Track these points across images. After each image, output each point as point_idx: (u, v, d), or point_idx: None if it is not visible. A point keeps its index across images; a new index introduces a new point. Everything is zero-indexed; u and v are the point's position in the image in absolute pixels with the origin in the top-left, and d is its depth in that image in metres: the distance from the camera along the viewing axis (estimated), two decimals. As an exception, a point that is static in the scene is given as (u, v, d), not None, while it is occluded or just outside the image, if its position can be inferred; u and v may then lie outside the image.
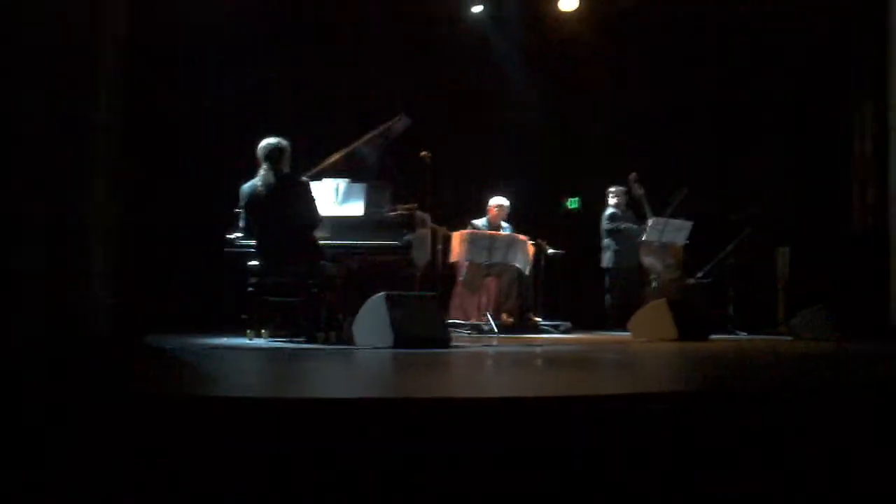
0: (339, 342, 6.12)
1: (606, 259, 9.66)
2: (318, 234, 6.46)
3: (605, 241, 9.68)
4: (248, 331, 6.25)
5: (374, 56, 9.68)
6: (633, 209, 9.75)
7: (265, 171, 6.26)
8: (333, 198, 6.98)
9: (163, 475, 2.47)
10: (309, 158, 7.13)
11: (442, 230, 8.47)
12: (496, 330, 8.13)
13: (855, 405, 3.07)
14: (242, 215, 6.39)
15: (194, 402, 2.78)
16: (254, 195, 6.27)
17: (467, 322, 8.46)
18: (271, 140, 6.32)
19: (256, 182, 6.28)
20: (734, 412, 2.89)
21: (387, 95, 9.33)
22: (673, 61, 10.20)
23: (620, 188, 9.65)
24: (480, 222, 9.01)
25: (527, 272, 8.70)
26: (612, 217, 9.63)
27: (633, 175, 9.48)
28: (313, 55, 9.33)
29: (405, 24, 9.96)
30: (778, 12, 9.62)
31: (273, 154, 6.27)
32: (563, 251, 9.40)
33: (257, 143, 6.37)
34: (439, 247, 8.48)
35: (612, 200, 9.70)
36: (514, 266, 8.58)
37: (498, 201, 9.10)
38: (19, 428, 2.57)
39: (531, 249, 8.71)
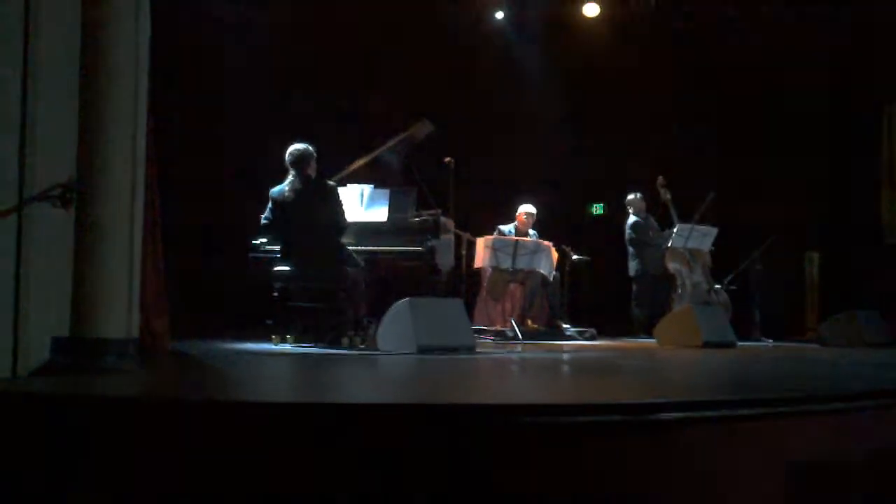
0: (363, 347, 6.12)
1: (633, 268, 9.56)
2: (343, 239, 6.47)
3: (631, 251, 9.59)
4: (273, 336, 6.26)
5: (398, 62, 9.68)
6: (658, 214, 9.66)
7: (293, 177, 6.30)
8: (358, 203, 6.99)
9: (188, 479, 2.47)
10: (333, 164, 7.15)
11: (466, 236, 8.46)
12: (520, 336, 8.10)
13: None
14: (266, 214, 6.40)
15: (219, 407, 2.78)
16: (281, 200, 6.30)
17: (491, 328, 8.43)
18: (298, 146, 6.36)
19: (284, 187, 6.31)
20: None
21: (409, 102, 9.33)
22: (696, 65, 10.14)
23: (637, 196, 9.56)
24: (507, 228, 8.97)
25: (551, 278, 8.66)
26: (635, 226, 9.52)
27: (660, 179, 9.40)
28: (337, 60, 9.35)
29: (428, 29, 9.96)
30: (804, 13, 9.53)
31: (300, 160, 6.31)
32: (587, 257, 9.35)
33: (283, 148, 6.40)
34: (463, 252, 8.46)
35: (632, 209, 9.60)
36: (538, 272, 8.54)
37: (527, 209, 9.05)
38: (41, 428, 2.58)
39: (555, 255, 8.66)
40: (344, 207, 6.47)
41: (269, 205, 6.39)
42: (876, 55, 9.33)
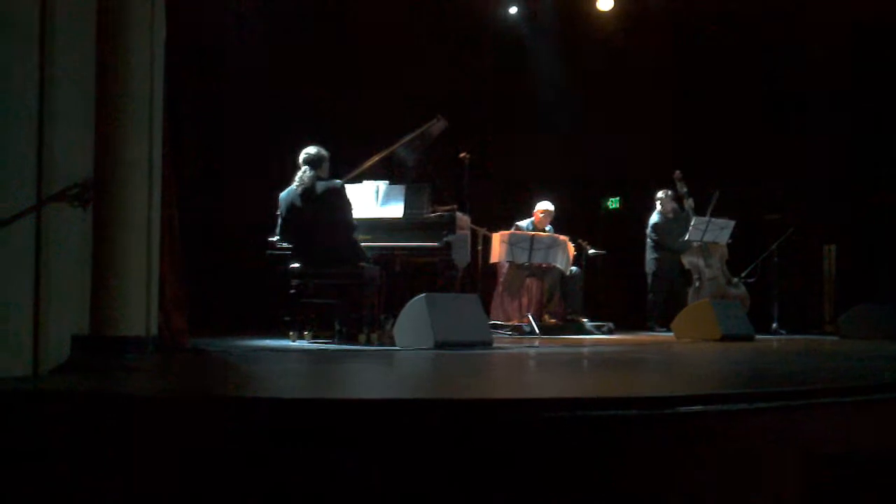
0: (380, 343, 6.13)
1: (649, 264, 9.53)
2: (359, 235, 6.48)
3: (649, 245, 9.54)
4: (291, 332, 6.29)
5: (413, 58, 9.68)
6: (682, 207, 9.60)
7: (303, 175, 6.29)
8: (373, 199, 7.00)
9: (207, 475, 2.49)
10: (348, 161, 7.16)
11: (482, 231, 8.45)
12: (538, 331, 8.09)
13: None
14: (279, 222, 6.42)
15: (239, 403, 2.79)
16: (291, 200, 6.31)
17: (508, 323, 8.43)
18: (312, 148, 6.38)
19: (294, 187, 6.31)
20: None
21: (426, 97, 9.33)
22: (712, 58, 10.08)
23: (668, 194, 9.48)
24: (525, 223, 8.96)
25: (567, 273, 8.65)
26: (655, 228, 9.46)
27: (677, 173, 9.36)
28: (351, 57, 9.36)
29: (443, 24, 9.96)
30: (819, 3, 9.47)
31: (312, 161, 6.32)
32: (604, 251, 9.33)
33: (298, 148, 6.42)
34: (479, 248, 8.46)
35: (659, 207, 9.52)
36: (556, 267, 8.54)
37: (544, 206, 9.01)
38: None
39: (572, 249, 8.65)
40: (357, 204, 6.49)
41: (280, 207, 6.40)
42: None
